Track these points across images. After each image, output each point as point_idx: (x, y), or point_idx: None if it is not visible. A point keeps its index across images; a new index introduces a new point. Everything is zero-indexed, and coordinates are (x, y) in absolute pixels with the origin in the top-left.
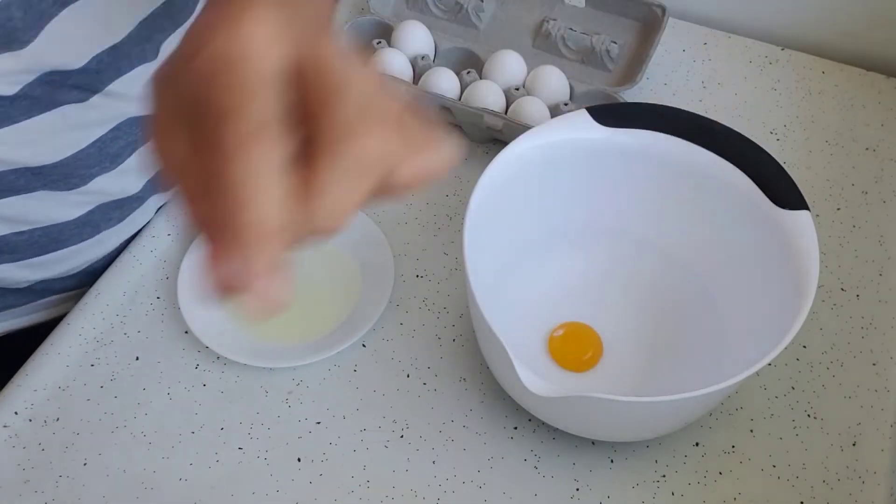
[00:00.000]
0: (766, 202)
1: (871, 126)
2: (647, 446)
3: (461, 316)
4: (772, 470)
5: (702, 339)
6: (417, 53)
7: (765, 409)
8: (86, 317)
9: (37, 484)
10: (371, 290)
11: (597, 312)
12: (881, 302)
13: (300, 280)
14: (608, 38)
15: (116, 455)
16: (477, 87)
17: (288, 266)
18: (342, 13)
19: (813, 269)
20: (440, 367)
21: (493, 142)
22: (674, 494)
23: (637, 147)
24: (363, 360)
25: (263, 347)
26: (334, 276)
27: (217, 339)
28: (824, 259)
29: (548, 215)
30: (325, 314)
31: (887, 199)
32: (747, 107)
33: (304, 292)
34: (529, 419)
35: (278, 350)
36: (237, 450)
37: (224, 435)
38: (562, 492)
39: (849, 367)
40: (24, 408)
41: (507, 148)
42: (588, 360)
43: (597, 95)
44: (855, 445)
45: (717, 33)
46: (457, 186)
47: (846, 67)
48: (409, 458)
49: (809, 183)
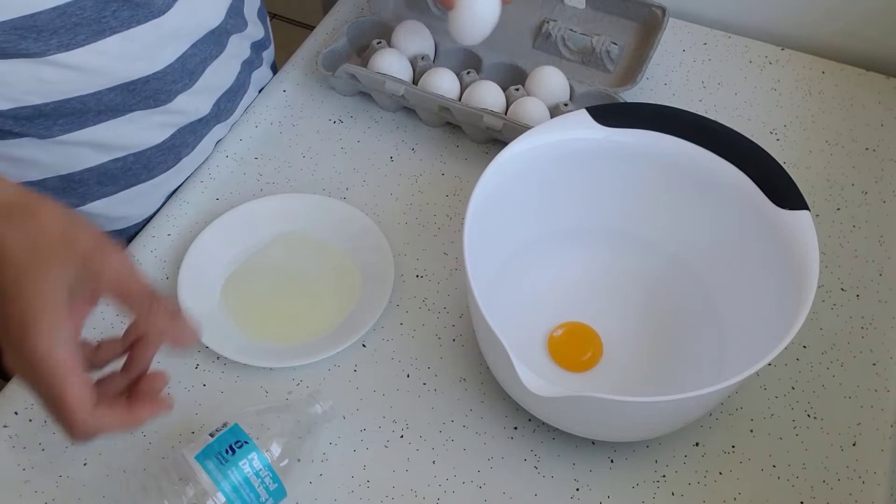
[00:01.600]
0: (766, 202)
1: (871, 126)
2: (647, 446)
3: (461, 316)
4: (772, 470)
5: (702, 339)
6: (417, 53)
7: (765, 409)
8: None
9: (37, 484)
10: (371, 291)
11: (596, 312)
12: (881, 302)
13: (301, 280)
14: (608, 38)
15: (116, 455)
16: (477, 87)
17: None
18: (342, 13)
19: (813, 269)
20: (440, 367)
21: (493, 142)
22: (674, 494)
23: (637, 147)
24: (363, 360)
25: (263, 347)
26: (335, 276)
27: (217, 339)
28: (824, 259)
29: (547, 215)
30: (326, 314)
31: (887, 199)
32: (747, 107)
33: (304, 292)
34: (529, 419)
35: (278, 350)
36: None
37: None
38: (562, 492)
39: (849, 367)
40: (24, 408)
41: (507, 148)
42: (588, 360)
43: (597, 96)
44: (855, 445)
45: (717, 33)
46: (457, 186)
47: (846, 67)
48: (409, 458)
49: (809, 183)
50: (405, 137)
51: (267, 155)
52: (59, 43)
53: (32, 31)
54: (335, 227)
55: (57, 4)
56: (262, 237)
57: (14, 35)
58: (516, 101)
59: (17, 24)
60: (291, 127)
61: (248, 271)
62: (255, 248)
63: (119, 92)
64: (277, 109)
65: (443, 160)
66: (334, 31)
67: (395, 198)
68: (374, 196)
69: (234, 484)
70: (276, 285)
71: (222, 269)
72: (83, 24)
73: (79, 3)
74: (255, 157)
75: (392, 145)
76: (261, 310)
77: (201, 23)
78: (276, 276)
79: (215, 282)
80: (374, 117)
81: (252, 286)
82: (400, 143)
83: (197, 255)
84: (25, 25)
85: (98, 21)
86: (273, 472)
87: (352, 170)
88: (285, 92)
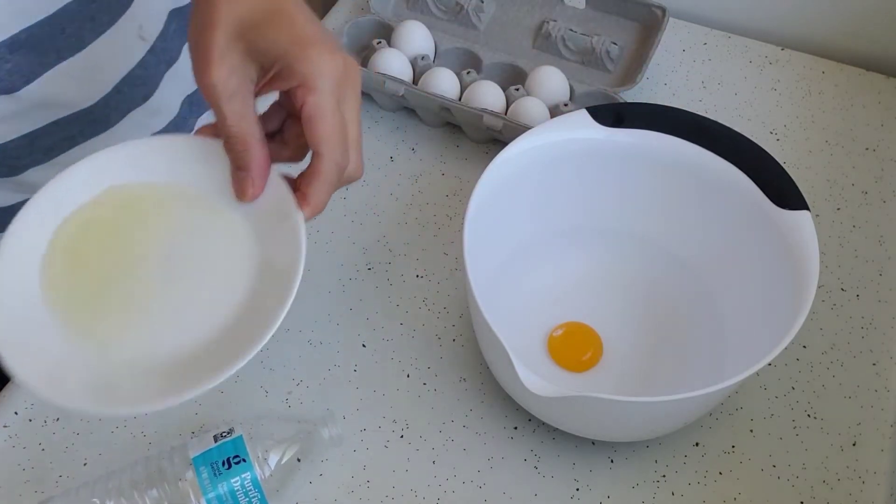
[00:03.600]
0: (766, 202)
1: (871, 126)
2: (647, 446)
3: (461, 316)
4: (772, 470)
5: (702, 339)
6: (417, 53)
7: (765, 409)
8: None
9: (37, 484)
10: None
11: (596, 312)
12: (881, 302)
13: (155, 258)
14: (608, 38)
15: (116, 455)
16: (477, 87)
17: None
18: (342, 13)
19: (813, 268)
20: (440, 367)
21: (493, 142)
22: (674, 494)
23: (637, 147)
24: (363, 360)
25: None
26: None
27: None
28: (824, 259)
29: (547, 215)
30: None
31: (887, 199)
32: (747, 107)
33: (167, 278)
34: (529, 419)
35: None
36: None
37: None
38: (562, 492)
39: (849, 367)
40: (24, 408)
41: (507, 148)
42: (588, 360)
43: (597, 96)
44: (855, 445)
45: (717, 33)
46: (457, 186)
47: (846, 67)
48: (409, 458)
49: (809, 183)
50: (405, 137)
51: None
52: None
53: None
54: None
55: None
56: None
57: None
58: (516, 101)
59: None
60: None
61: (74, 242)
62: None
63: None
64: None
65: (443, 160)
66: (334, 30)
67: (395, 198)
68: (374, 196)
69: (220, 494)
70: (118, 264)
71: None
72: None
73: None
74: None
75: (392, 145)
76: (101, 303)
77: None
78: (115, 249)
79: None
80: (374, 117)
81: (83, 264)
82: (400, 143)
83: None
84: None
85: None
86: (262, 494)
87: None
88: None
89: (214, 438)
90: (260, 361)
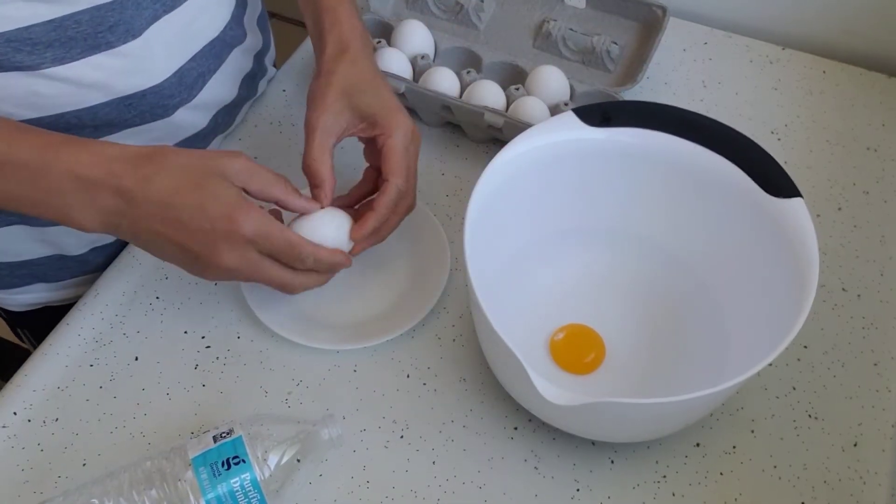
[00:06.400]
0: (760, 193)
1: (872, 126)
2: (647, 447)
3: (461, 316)
4: (773, 470)
5: (703, 340)
6: (417, 53)
7: (766, 409)
8: (85, 317)
9: (36, 484)
10: (424, 279)
11: (597, 313)
12: (882, 302)
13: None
14: (608, 38)
15: (116, 455)
16: (477, 86)
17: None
18: None
19: (813, 257)
20: (440, 367)
21: (493, 142)
22: (674, 495)
23: (630, 146)
24: (363, 360)
25: (310, 326)
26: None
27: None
28: (825, 259)
29: (547, 215)
30: (375, 302)
31: (888, 199)
32: (748, 106)
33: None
34: (530, 419)
35: (327, 331)
36: None
37: None
38: (562, 492)
39: (850, 368)
40: (23, 408)
41: (506, 148)
42: (590, 362)
43: (597, 96)
44: (856, 446)
45: (718, 33)
46: (457, 186)
47: (847, 67)
48: (409, 459)
49: (810, 183)
50: None
51: (267, 155)
52: (53, 56)
53: (27, 43)
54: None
55: (52, 18)
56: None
57: (8, 48)
58: (516, 100)
59: (11, 37)
60: (291, 127)
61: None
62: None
63: (115, 107)
64: (277, 109)
65: (443, 160)
66: None
67: None
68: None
69: (220, 495)
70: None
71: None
72: (78, 38)
73: (74, 16)
74: (255, 156)
75: None
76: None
77: (198, 35)
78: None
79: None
80: None
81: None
82: None
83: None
84: (20, 38)
85: (94, 35)
86: (261, 495)
87: (352, 169)
88: (285, 92)
89: (214, 439)
90: (259, 362)
